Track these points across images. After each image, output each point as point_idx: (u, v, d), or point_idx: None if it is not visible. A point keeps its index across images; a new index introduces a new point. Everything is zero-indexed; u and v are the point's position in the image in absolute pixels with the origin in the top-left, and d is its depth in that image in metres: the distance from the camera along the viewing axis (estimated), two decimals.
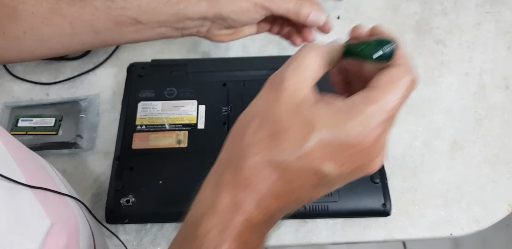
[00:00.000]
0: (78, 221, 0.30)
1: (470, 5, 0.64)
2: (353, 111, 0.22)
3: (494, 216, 0.46)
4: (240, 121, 0.25)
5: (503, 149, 0.50)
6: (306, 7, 0.39)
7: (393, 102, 0.22)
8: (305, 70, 0.24)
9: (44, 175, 0.31)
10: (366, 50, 0.24)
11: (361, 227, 0.45)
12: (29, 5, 0.35)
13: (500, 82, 0.56)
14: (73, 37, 0.38)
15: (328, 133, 0.22)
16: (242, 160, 0.23)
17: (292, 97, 0.23)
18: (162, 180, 0.45)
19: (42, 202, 0.27)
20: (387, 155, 0.24)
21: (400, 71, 0.24)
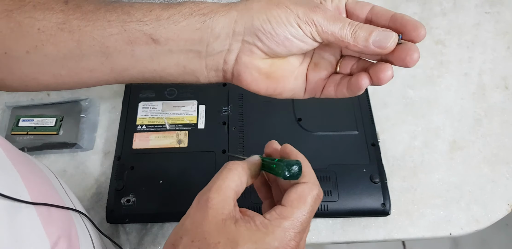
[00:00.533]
0: (78, 234, 0.30)
1: (470, 5, 0.64)
2: (269, 228, 0.26)
3: (494, 215, 0.46)
4: (170, 240, 0.27)
5: (502, 149, 0.51)
6: (367, 26, 0.29)
7: (303, 216, 0.27)
8: (227, 189, 0.27)
9: (48, 188, 0.31)
10: (277, 170, 0.29)
11: (361, 227, 0.46)
12: (35, 20, 0.30)
13: (499, 83, 0.56)
14: (79, 60, 0.32)
15: (251, 248, 0.25)
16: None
17: (217, 215, 0.26)
18: (162, 180, 0.45)
19: (43, 220, 0.27)
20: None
21: (306, 188, 0.28)
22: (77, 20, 0.30)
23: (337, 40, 0.29)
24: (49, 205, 0.28)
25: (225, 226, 0.26)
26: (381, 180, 0.45)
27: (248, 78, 0.32)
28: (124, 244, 0.45)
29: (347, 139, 0.47)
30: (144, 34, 0.30)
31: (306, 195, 0.27)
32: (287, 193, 0.28)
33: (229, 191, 0.28)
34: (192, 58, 0.31)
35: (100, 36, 0.30)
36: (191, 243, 0.26)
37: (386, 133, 0.52)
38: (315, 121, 0.49)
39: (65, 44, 0.31)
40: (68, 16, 0.30)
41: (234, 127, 0.49)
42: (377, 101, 0.54)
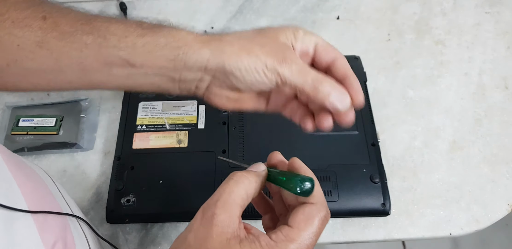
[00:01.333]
0: (74, 239, 0.30)
1: (470, 5, 0.64)
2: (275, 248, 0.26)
3: (494, 215, 0.46)
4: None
5: (502, 149, 0.51)
6: (328, 83, 0.31)
7: (310, 239, 0.27)
8: (233, 205, 0.27)
9: (44, 193, 0.31)
10: (289, 184, 0.28)
11: (361, 227, 0.46)
12: (15, 37, 0.31)
13: (499, 83, 0.56)
14: (58, 74, 0.33)
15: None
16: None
17: (221, 234, 0.26)
18: (162, 180, 0.45)
19: (39, 227, 0.26)
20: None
21: (314, 210, 0.27)
22: (55, 39, 0.31)
23: (298, 91, 0.31)
24: (46, 212, 0.28)
25: (230, 245, 0.25)
26: (381, 180, 0.45)
27: (218, 103, 0.34)
28: (124, 244, 0.45)
29: (347, 139, 0.47)
30: (120, 58, 0.32)
31: (314, 217, 0.27)
32: (294, 213, 0.28)
33: (235, 207, 0.27)
34: (166, 81, 0.33)
35: (77, 57, 0.32)
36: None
37: (386, 133, 0.52)
38: None
39: (43, 61, 0.32)
40: (46, 35, 0.31)
41: (234, 127, 0.49)
42: (377, 101, 0.54)
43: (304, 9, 0.64)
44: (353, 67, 0.54)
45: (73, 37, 0.31)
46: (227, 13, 0.64)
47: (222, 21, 0.63)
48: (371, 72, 0.56)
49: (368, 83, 0.54)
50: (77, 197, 0.48)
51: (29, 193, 0.28)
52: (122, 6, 0.64)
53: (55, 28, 0.31)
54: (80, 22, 0.32)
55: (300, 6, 0.65)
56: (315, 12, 0.64)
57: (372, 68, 0.57)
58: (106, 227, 0.46)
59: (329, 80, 0.31)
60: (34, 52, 0.32)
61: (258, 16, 0.64)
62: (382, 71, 0.57)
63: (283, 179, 0.29)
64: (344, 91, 0.31)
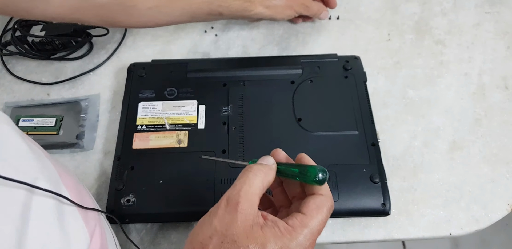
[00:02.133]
0: (105, 232, 0.34)
1: (470, 5, 0.64)
2: (293, 234, 0.29)
3: (494, 215, 0.46)
4: (199, 237, 0.29)
5: (502, 149, 0.51)
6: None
7: (320, 225, 0.30)
8: (254, 195, 0.30)
9: (82, 190, 0.34)
10: (305, 173, 0.32)
11: (361, 227, 0.46)
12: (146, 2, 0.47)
13: (499, 83, 0.56)
14: (177, 20, 0.51)
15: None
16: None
17: (245, 221, 0.29)
18: (162, 180, 0.45)
19: (84, 217, 0.30)
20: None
21: (324, 200, 0.31)
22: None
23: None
24: (90, 208, 0.31)
25: (253, 231, 0.28)
26: (381, 180, 0.45)
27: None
28: (124, 244, 0.45)
29: (347, 138, 0.47)
30: (217, 11, 0.50)
31: (324, 206, 0.31)
32: (306, 202, 0.31)
33: (255, 197, 0.30)
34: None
35: (192, 10, 0.49)
36: (221, 244, 0.28)
37: (386, 133, 0.52)
38: (315, 121, 0.49)
39: (174, 7, 0.48)
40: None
41: (234, 127, 0.49)
42: (377, 101, 0.54)
43: None
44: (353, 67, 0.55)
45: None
46: None
47: (222, 21, 0.63)
48: (371, 72, 0.56)
49: (368, 83, 0.54)
50: None
51: (70, 186, 0.31)
52: None
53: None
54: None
55: None
56: None
57: (372, 68, 0.57)
58: None
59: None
60: (166, 6, 0.48)
61: None
62: (382, 71, 0.57)
63: (296, 170, 0.32)
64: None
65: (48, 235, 0.26)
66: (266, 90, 0.51)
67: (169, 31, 0.62)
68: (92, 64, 0.59)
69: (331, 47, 0.60)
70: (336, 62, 0.54)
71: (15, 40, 0.58)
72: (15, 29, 0.58)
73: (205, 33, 0.62)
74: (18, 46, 0.58)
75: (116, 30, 0.63)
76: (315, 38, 0.61)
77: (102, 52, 0.60)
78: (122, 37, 0.62)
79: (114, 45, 0.61)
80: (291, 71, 0.53)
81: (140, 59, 0.57)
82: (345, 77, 0.52)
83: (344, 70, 0.53)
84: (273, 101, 0.50)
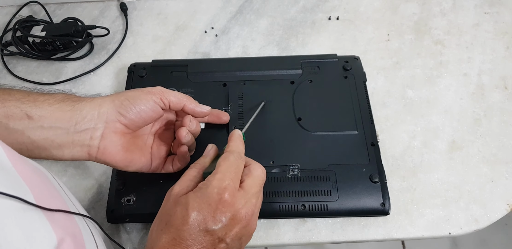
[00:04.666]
0: (82, 234, 0.31)
1: (469, 5, 0.64)
2: (207, 183, 0.35)
3: (493, 215, 0.46)
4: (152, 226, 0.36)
5: (501, 149, 0.51)
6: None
7: (231, 167, 0.36)
8: (186, 181, 0.37)
9: (52, 191, 0.32)
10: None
11: (360, 226, 0.46)
12: None
13: (498, 83, 0.56)
14: None
15: (196, 202, 0.33)
16: (157, 242, 0.34)
17: (175, 197, 0.35)
18: (162, 180, 0.46)
19: (50, 221, 0.28)
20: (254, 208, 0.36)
21: (228, 152, 0.38)
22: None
23: (177, 100, 0.41)
24: (59, 210, 0.29)
25: (179, 199, 0.35)
26: (380, 179, 0.45)
27: (113, 151, 0.39)
28: (125, 244, 0.45)
29: (346, 138, 0.48)
30: (21, 111, 0.36)
31: (228, 156, 0.37)
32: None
33: (188, 183, 0.37)
34: (61, 134, 0.37)
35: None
36: (160, 221, 0.35)
37: (386, 133, 0.52)
38: (315, 121, 0.49)
39: None
40: None
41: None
42: (377, 101, 0.54)
43: (303, 9, 0.65)
44: (353, 67, 0.55)
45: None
46: (227, 14, 0.65)
47: (222, 21, 0.64)
48: (371, 73, 0.57)
49: (368, 84, 0.54)
50: (77, 197, 0.48)
51: (35, 187, 0.29)
52: (122, 6, 0.64)
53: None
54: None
55: (300, 7, 0.65)
56: (315, 13, 0.64)
57: (372, 68, 0.57)
58: (107, 226, 0.46)
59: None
60: None
61: (258, 17, 0.64)
62: (381, 72, 0.57)
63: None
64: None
65: (5, 237, 0.24)
66: (266, 90, 0.51)
67: (169, 31, 0.63)
68: (93, 64, 0.59)
69: (331, 47, 0.60)
70: (335, 62, 0.54)
71: (16, 40, 0.58)
72: (16, 30, 0.58)
73: (205, 33, 0.62)
74: (19, 46, 0.58)
75: (117, 30, 0.63)
76: (315, 39, 0.61)
77: (102, 53, 0.61)
78: (123, 38, 0.62)
79: (114, 45, 0.61)
80: (291, 72, 0.53)
81: (141, 60, 0.57)
82: (345, 78, 0.52)
83: (344, 70, 0.53)
84: (273, 101, 0.51)
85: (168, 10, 0.65)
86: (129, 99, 0.39)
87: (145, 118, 0.41)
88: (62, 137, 0.37)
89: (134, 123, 0.40)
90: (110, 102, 0.39)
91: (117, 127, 0.39)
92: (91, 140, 0.38)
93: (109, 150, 0.39)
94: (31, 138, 0.36)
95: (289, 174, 0.45)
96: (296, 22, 0.63)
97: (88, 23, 0.63)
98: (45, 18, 0.63)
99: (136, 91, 0.40)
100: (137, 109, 0.39)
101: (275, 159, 0.46)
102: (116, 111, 0.39)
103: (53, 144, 0.37)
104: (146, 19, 0.64)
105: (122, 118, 0.39)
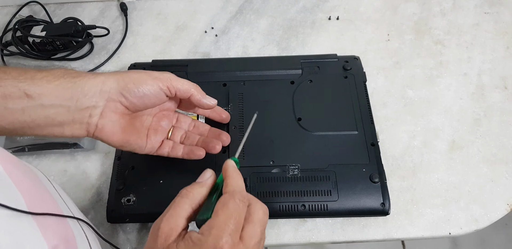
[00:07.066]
0: (76, 239, 0.31)
1: (469, 5, 0.64)
2: (202, 240, 0.30)
3: (493, 215, 0.46)
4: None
5: (501, 149, 0.51)
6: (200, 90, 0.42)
7: (230, 220, 0.30)
8: (177, 218, 0.32)
9: (44, 195, 0.31)
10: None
11: (360, 226, 0.46)
12: None
13: (498, 83, 0.56)
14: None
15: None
16: None
17: (164, 243, 0.30)
18: (163, 180, 0.46)
19: (41, 226, 0.27)
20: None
21: (227, 197, 0.32)
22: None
23: (184, 90, 0.40)
24: (46, 214, 0.29)
25: (168, 248, 0.30)
26: (380, 179, 0.45)
27: (110, 131, 0.38)
28: (124, 244, 0.45)
29: (346, 138, 0.48)
30: (19, 90, 0.34)
31: (227, 202, 0.31)
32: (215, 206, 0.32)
33: (179, 220, 0.32)
34: (62, 112, 0.36)
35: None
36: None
37: (386, 133, 0.52)
38: (315, 121, 0.49)
39: None
40: None
41: (234, 127, 0.49)
42: (377, 101, 0.54)
43: (303, 9, 0.65)
44: (353, 67, 0.55)
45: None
46: (227, 14, 0.65)
47: (222, 21, 0.64)
48: (371, 72, 0.57)
49: (368, 83, 0.54)
50: (77, 197, 0.48)
51: (27, 191, 0.28)
52: (122, 6, 0.64)
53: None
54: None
55: (300, 7, 0.65)
56: (315, 13, 0.64)
57: (372, 68, 0.57)
58: (107, 226, 0.46)
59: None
60: None
61: (258, 17, 0.64)
62: (381, 72, 0.57)
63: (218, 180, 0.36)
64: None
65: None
66: (266, 90, 0.51)
67: (169, 31, 0.63)
68: (93, 64, 0.59)
69: (331, 47, 0.60)
70: (335, 62, 0.54)
71: (16, 40, 0.58)
72: (16, 30, 0.58)
73: (205, 33, 0.62)
74: (19, 46, 0.58)
75: (117, 30, 0.63)
76: (315, 39, 0.61)
77: (102, 53, 0.61)
78: (123, 38, 0.62)
79: (114, 45, 0.61)
80: (291, 72, 0.53)
81: (141, 60, 0.57)
82: (345, 78, 0.52)
83: (344, 70, 0.53)
84: (273, 101, 0.51)
85: (168, 10, 0.65)
86: (134, 82, 0.38)
87: (147, 104, 0.39)
88: (63, 115, 0.36)
89: (135, 106, 0.39)
90: (114, 81, 0.37)
91: (117, 107, 0.38)
92: (90, 117, 0.37)
93: (106, 129, 0.38)
94: (31, 117, 0.35)
95: (289, 174, 0.45)
96: (296, 22, 0.63)
97: (88, 23, 0.63)
98: (45, 18, 0.63)
99: (143, 75, 0.38)
100: (140, 94, 0.38)
101: (275, 159, 0.46)
102: (118, 92, 0.37)
103: (54, 122, 0.36)
104: (146, 19, 0.64)
105: (123, 100, 0.38)
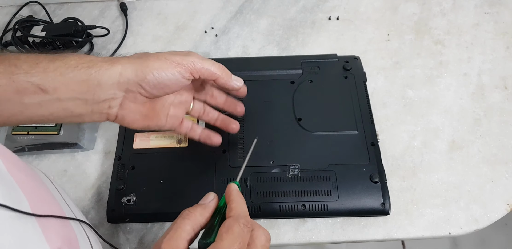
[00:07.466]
0: (78, 241, 0.31)
1: (469, 5, 0.64)
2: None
3: (493, 215, 0.46)
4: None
5: (501, 149, 0.51)
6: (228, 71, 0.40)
7: (235, 244, 0.29)
8: (178, 240, 0.30)
9: (47, 196, 0.31)
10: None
11: (360, 226, 0.46)
12: None
13: (498, 83, 0.56)
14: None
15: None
16: None
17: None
18: (163, 180, 0.46)
19: (44, 228, 0.27)
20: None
21: (232, 220, 0.31)
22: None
23: (209, 74, 0.38)
24: (50, 216, 0.28)
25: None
26: (380, 179, 0.45)
27: (131, 120, 0.38)
28: (124, 244, 0.45)
29: (346, 138, 0.48)
30: (33, 85, 0.32)
31: (232, 226, 0.30)
32: (219, 229, 0.31)
33: (180, 241, 0.30)
34: (80, 104, 0.35)
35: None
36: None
37: (386, 133, 0.52)
38: (315, 121, 0.49)
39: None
40: None
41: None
42: (377, 101, 0.54)
43: (303, 9, 0.65)
44: (353, 67, 0.55)
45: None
46: (227, 13, 0.65)
47: (222, 21, 0.64)
48: (371, 72, 0.57)
49: (368, 83, 0.54)
50: (77, 197, 0.48)
51: (30, 193, 0.28)
52: (122, 6, 0.64)
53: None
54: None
55: (300, 7, 0.65)
56: (315, 13, 0.64)
57: (372, 68, 0.57)
58: (107, 226, 0.46)
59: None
60: None
61: (258, 16, 0.64)
62: (381, 71, 0.57)
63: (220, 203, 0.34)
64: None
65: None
66: (266, 90, 0.51)
67: (169, 31, 0.63)
68: None
69: (331, 47, 0.60)
70: (336, 62, 0.54)
71: (15, 40, 0.58)
72: (16, 30, 0.58)
73: (205, 33, 0.62)
74: (19, 46, 0.58)
75: (117, 30, 0.63)
76: (315, 39, 0.61)
77: (102, 53, 0.61)
78: (123, 38, 0.62)
79: (114, 45, 0.61)
80: (291, 72, 0.53)
81: None
82: (345, 78, 0.52)
83: (344, 70, 0.53)
84: (273, 101, 0.51)
85: (168, 10, 0.65)
86: (154, 72, 0.35)
87: (168, 92, 0.38)
88: (81, 107, 0.35)
89: (154, 95, 0.38)
90: (131, 72, 0.35)
91: (137, 97, 0.37)
92: (109, 108, 0.36)
93: (127, 119, 0.38)
94: (49, 110, 0.34)
95: (289, 174, 0.45)
96: (296, 22, 0.63)
97: (88, 23, 0.63)
98: (45, 18, 0.63)
99: (163, 63, 0.36)
100: (161, 85, 0.36)
101: (275, 159, 0.46)
102: (137, 84, 0.35)
103: (73, 114, 0.35)
104: (146, 19, 0.64)
105: (142, 91, 0.36)
